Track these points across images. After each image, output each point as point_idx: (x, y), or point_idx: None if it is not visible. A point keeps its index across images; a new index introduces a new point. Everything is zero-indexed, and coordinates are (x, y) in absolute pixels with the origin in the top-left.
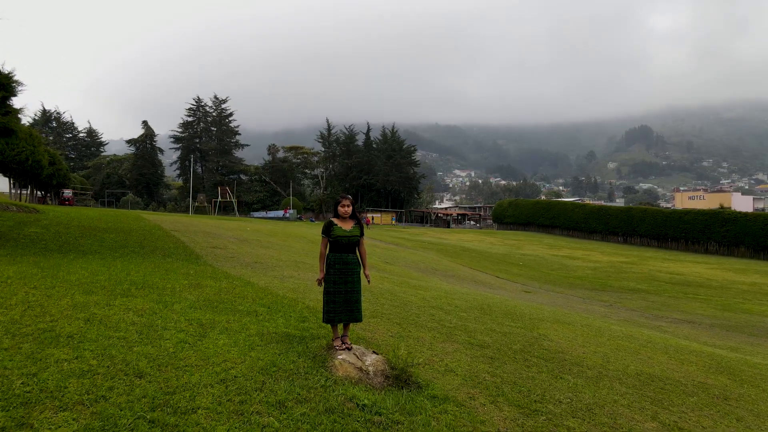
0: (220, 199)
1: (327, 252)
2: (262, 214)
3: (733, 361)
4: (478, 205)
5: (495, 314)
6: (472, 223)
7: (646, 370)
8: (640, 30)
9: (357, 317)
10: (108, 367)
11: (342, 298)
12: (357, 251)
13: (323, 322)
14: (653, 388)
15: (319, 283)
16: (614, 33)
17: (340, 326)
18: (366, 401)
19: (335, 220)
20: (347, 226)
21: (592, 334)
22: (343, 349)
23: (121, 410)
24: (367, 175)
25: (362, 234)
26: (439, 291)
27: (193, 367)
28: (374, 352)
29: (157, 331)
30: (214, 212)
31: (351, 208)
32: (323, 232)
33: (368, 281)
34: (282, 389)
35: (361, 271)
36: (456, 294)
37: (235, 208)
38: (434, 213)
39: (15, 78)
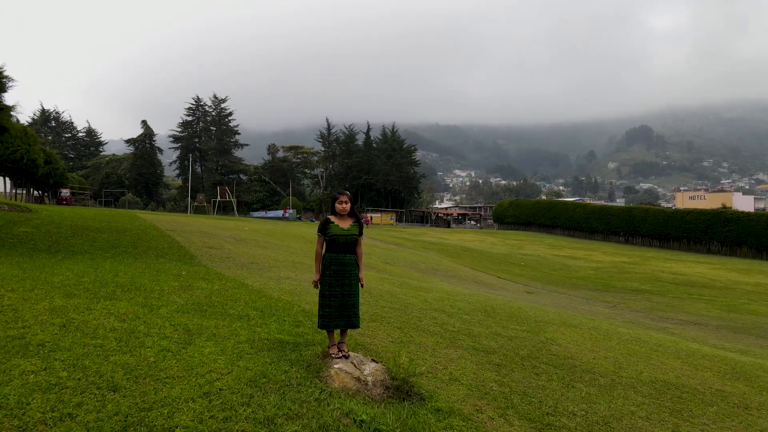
0: (219, 198)
1: (323, 252)
2: (262, 213)
3: (747, 366)
4: (479, 204)
5: (499, 317)
6: (472, 223)
7: (660, 376)
8: (640, 30)
9: (354, 323)
10: (79, 379)
11: (338, 302)
12: (355, 252)
13: (318, 327)
14: (670, 397)
15: (315, 286)
16: (614, 33)
17: (337, 332)
18: (364, 416)
19: (332, 218)
20: (345, 224)
21: (600, 338)
22: (340, 358)
23: (87, 430)
24: (367, 175)
25: (361, 233)
26: (441, 292)
27: (175, 378)
28: (373, 360)
29: (139, 338)
30: (213, 212)
31: (349, 204)
32: (319, 231)
33: (361, 285)
34: (271, 404)
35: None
36: (458, 295)
37: (235, 208)
38: (434, 213)
39: (5, 73)
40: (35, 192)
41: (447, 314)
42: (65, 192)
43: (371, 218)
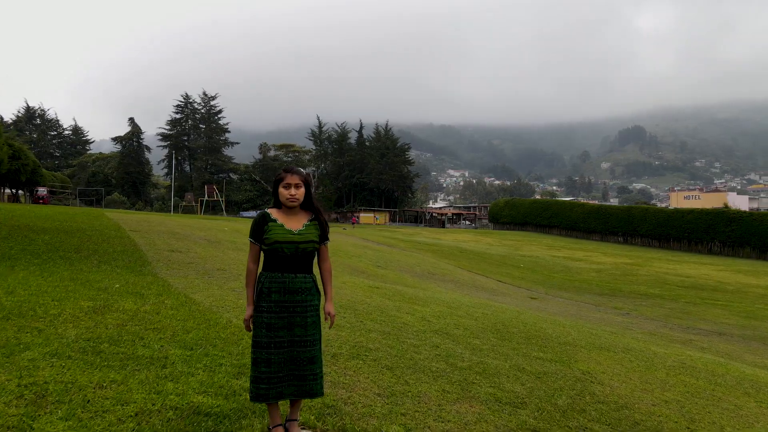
0: (206, 198)
1: (259, 270)
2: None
3: None
4: (473, 204)
5: (515, 339)
6: (467, 222)
7: None
8: (634, 31)
9: (313, 389)
10: None
11: (283, 355)
12: (312, 270)
13: (250, 400)
14: None
15: (248, 327)
16: (603, 34)
17: (284, 404)
18: None
19: (273, 213)
20: (295, 223)
21: (642, 367)
22: None
23: None
24: (360, 174)
25: (324, 238)
26: (441, 305)
27: None
28: None
29: None
30: (201, 212)
31: (303, 190)
32: (251, 235)
33: (330, 324)
34: None
35: (321, 304)
36: (461, 308)
37: (223, 208)
38: (429, 212)
39: None
40: (9, 191)
41: (452, 338)
42: (42, 190)
43: (357, 218)
